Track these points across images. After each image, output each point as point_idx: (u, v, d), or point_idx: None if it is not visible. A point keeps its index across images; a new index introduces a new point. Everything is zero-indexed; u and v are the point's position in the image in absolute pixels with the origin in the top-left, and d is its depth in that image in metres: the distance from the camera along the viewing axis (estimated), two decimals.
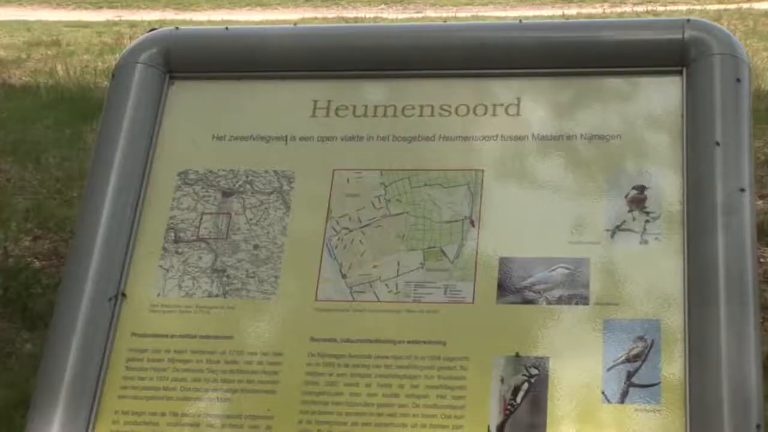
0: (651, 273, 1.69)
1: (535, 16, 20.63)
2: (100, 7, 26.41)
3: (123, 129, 1.92)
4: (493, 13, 22.47)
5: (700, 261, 1.65)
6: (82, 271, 1.82)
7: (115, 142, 1.91)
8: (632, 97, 1.82)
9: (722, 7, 21.07)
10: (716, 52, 1.77)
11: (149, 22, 20.11)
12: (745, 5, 20.90)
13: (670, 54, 1.80)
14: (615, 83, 1.84)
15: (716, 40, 1.78)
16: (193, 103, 1.98)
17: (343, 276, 1.78)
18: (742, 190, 1.67)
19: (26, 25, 19.64)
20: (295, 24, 2.02)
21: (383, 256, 1.78)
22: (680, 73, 1.80)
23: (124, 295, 1.81)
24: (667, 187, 1.73)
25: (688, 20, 1.82)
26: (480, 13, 22.57)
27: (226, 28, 2.05)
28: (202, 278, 1.82)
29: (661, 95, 1.80)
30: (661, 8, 21.73)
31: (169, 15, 23.95)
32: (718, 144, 1.70)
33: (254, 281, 1.80)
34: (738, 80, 1.74)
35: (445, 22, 2.02)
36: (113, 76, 2.00)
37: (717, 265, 1.63)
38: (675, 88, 1.79)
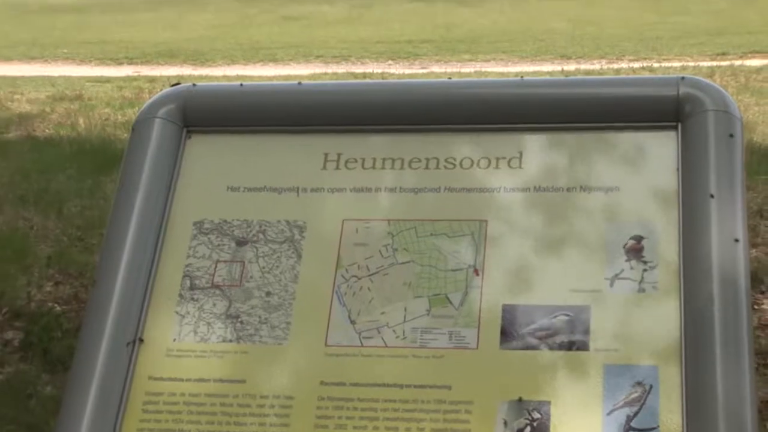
0: (649, 320, 1.68)
1: (535, 72, 20.71)
2: (121, 63, 26.56)
3: (142, 180, 1.93)
4: (495, 69, 22.56)
5: (696, 308, 1.64)
6: (102, 317, 1.82)
7: (135, 193, 1.92)
8: (629, 151, 1.82)
9: (715, 63, 21.14)
10: (710, 109, 1.77)
11: (167, 77, 20.22)
12: (737, 62, 20.96)
13: (665, 110, 1.80)
14: (613, 138, 1.84)
15: (710, 97, 1.79)
16: (209, 156, 1.98)
17: (352, 322, 1.77)
18: (736, 240, 1.67)
19: (51, 81, 19.75)
20: (299, 83, 2.02)
21: (391, 303, 1.77)
22: (675, 128, 1.80)
23: (141, 340, 1.81)
24: (664, 237, 1.72)
25: (683, 78, 1.82)
26: (483, 69, 22.67)
27: (241, 85, 2.06)
28: (216, 324, 1.81)
29: (657, 149, 1.80)
30: (656, 65, 21.79)
31: (187, 70, 24.08)
32: (712, 196, 1.70)
33: (267, 327, 1.80)
34: (731, 135, 1.75)
35: (450, 78, 2.03)
36: (133, 129, 2.01)
37: (713, 313, 1.62)
38: (671, 142, 1.79)
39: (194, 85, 2.06)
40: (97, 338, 1.80)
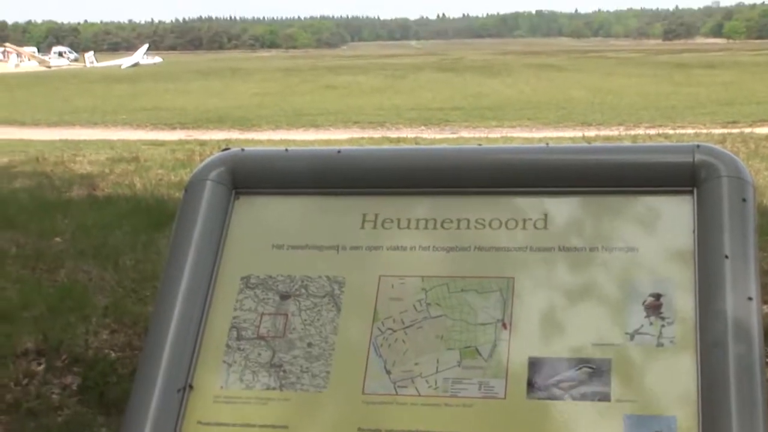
0: (667, 373, 1.67)
1: (558, 137, 20.79)
2: (174, 128, 26.86)
3: (194, 238, 1.94)
4: (521, 134, 22.65)
5: (712, 363, 1.63)
6: (155, 364, 1.82)
7: (187, 249, 1.93)
8: (648, 213, 1.82)
9: (726, 131, 21.14)
10: (723, 175, 1.77)
11: (217, 141, 20.42)
12: (747, 130, 20.93)
13: (682, 176, 1.80)
14: (632, 201, 1.83)
15: (723, 163, 1.78)
16: (255, 216, 2.00)
17: (388, 372, 1.77)
18: (750, 298, 1.65)
19: (110, 144, 20.01)
20: (339, 151, 2.03)
21: (424, 355, 1.77)
22: (691, 192, 1.79)
23: (191, 386, 1.81)
24: (681, 295, 1.71)
25: (698, 146, 1.82)
26: (509, 134, 22.76)
27: (286, 150, 2.08)
28: (261, 372, 1.81)
29: (674, 212, 1.80)
30: (671, 131, 21.82)
31: (234, 134, 24.34)
32: (726, 257, 1.69)
33: (308, 376, 1.79)
34: (744, 200, 1.74)
35: (480, 144, 2.03)
36: (186, 190, 2.02)
37: (728, 366, 1.61)
38: (687, 206, 1.79)
39: (242, 149, 2.07)
40: (150, 384, 1.80)
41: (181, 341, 1.84)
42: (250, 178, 2.02)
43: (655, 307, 1.72)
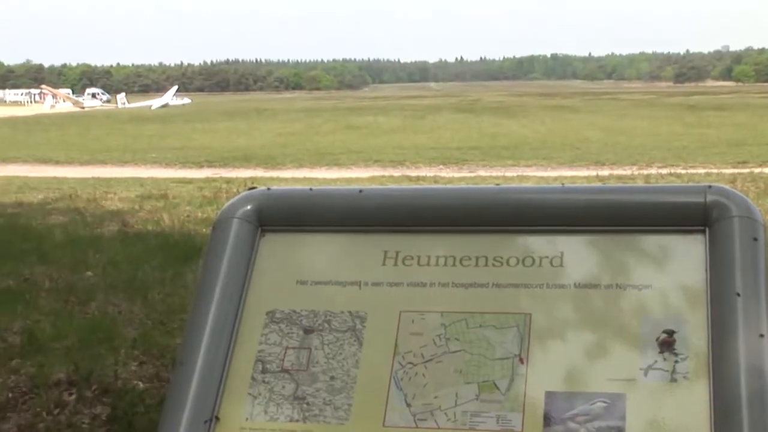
0: (680, 407, 1.65)
1: (573, 176, 20.77)
2: (202, 166, 26.98)
3: (221, 273, 1.94)
4: (536, 173, 22.64)
5: (724, 398, 1.62)
6: (183, 396, 1.82)
7: (214, 285, 1.93)
8: (661, 252, 1.81)
9: (736, 170, 21.07)
10: (735, 215, 1.76)
11: (243, 179, 20.50)
12: (757, 170, 20.87)
13: (694, 216, 1.79)
14: (646, 240, 1.83)
15: (735, 204, 1.78)
16: (280, 253, 2.00)
17: (408, 405, 1.76)
18: (761, 335, 1.64)
19: (140, 182, 20.12)
20: (360, 191, 2.04)
21: (443, 388, 1.76)
22: (703, 232, 1.79)
23: (217, 418, 1.81)
24: (694, 331, 1.70)
25: (710, 186, 1.82)
26: (524, 173, 22.76)
27: (310, 189, 2.08)
28: (285, 405, 1.81)
29: (687, 251, 1.79)
30: (682, 171, 21.77)
31: (259, 172, 24.42)
32: (738, 294, 1.68)
33: (330, 408, 1.79)
34: (755, 239, 1.73)
35: (498, 185, 2.03)
36: (214, 228, 2.03)
37: (740, 402, 1.60)
38: (699, 245, 1.78)
39: (268, 189, 2.08)
40: (177, 415, 1.80)
41: (208, 374, 1.84)
42: (276, 216, 2.02)
43: (668, 343, 1.71)
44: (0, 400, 5.32)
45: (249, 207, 2.02)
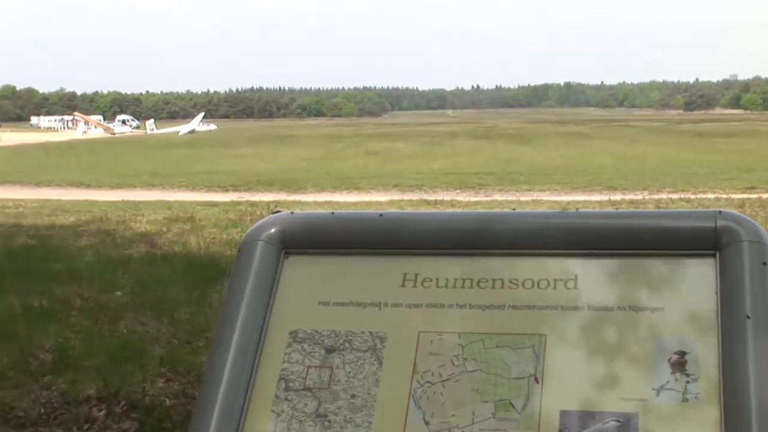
0: (692, 427, 1.64)
1: (586, 201, 20.72)
2: (227, 190, 27.08)
3: (246, 294, 1.95)
4: (550, 197, 22.61)
5: (734, 417, 1.60)
6: (208, 412, 1.82)
7: (239, 305, 1.94)
8: (673, 275, 1.80)
9: (745, 196, 20.97)
10: (744, 240, 1.75)
11: (266, 202, 20.53)
12: (765, 195, 20.76)
13: (705, 240, 1.78)
14: (658, 264, 1.82)
15: (744, 229, 1.77)
16: (303, 274, 2.00)
17: (426, 423, 1.75)
18: None
19: (167, 205, 20.19)
20: (381, 215, 2.04)
21: (460, 407, 1.75)
22: (714, 256, 1.78)
23: None
24: (705, 353, 1.69)
25: (720, 212, 1.81)
26: (539, 198, 22.74)
27: (332, 213, 2.09)
28: (307, 422, 1.81)
29: (697, 275, 1.78)
30: (692, 196, 21.70)
31: (282, 196, 24.48)
32: (748, 317, 1.67)
33: (351, 426, 1.78)
34: (764, 263, 1.72)
35: (514, 209, 2.03)
36: (239, 250, 2.03)
37: (750, 421, 1.58)
38: (709, 269, 1.77)
39: (292, 212, 2.09)
40: (204, 431, 1.80)
41: (233, 391, 1.84)
42: (299, 239, 2.03)
43: (680, 364, 1.70)
44: (33, 415, 5.34)
45: (273, 230, 2.03)
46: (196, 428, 1.82)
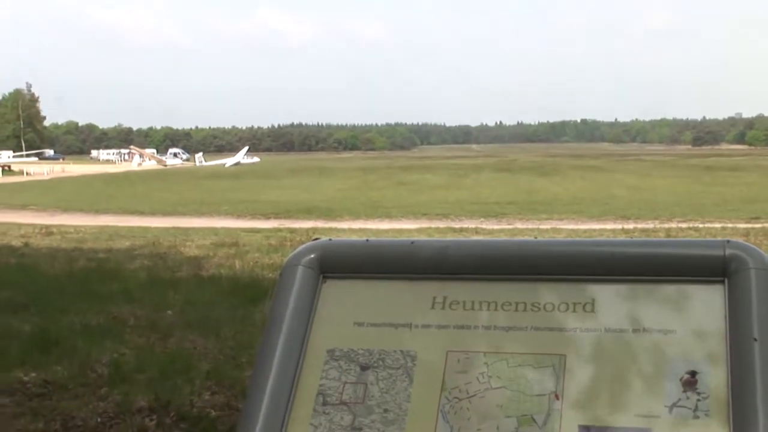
0: None
1: (601, 229, 20.60)
2: (269, 218, 27.18)
3: (287, 315, 1.94)
4: (568, 226, 22.50)
5: None
6: (252, 424, 1.81)
7: (281, 325, 1.93)
8: (684, 300, 1.78)
9: (749, 225, 20.77)
10: (751, 267, 1.73)
11: (305, 229, 20.59)
12: None
13: (714, 267, 1.77)
14: (670, 289, 1.80)
15: (751, 257, 1.75)
16: (340, 297, 2.00)
17: None
18: None
19: (214, 231, 20.30)
20: (412, 242, 2.03)
21: (485, 421, 1.74)
22: (722, 282, 1.76)
23: None
24: (715, 373, 1.67)
25: (728, 241, 1.79)
26: (557, 226, 22.65)
27: (367, 240, 2.08)
28: None
29: (707, 299, 1.76)
30: (700, 225, 21.53)
31: (320, 223, 24.54)
32: (755, 340, 1.65)
33: None
34: None
35: (535, 237, 2.02)
36: (280, 274, 2.03)
37: None
38: (718, 294, 1.75)
39: (330, 239, 2.09)
40: None
41: (275, 404, 1.84)
42: (336, 264, 2.03)
43: (691, 383, 1.68)
44: (91, 424, 5.36)
45: (312, 256, 2.03)
46: None
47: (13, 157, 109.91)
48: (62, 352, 7.14)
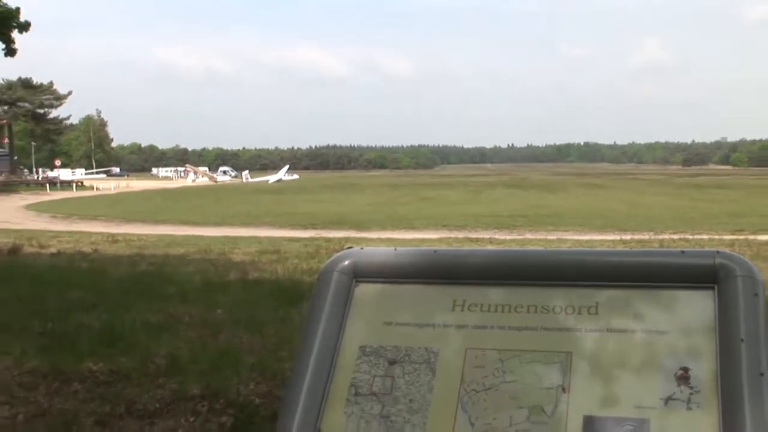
0: (695, 430, 1.60)
1: (602, 240, 20.48)
2: (306, 228, 27.21)
3: (323, 315, 1.94)
4: (572, 237, 22.37)
5: (731, 424, 1.56)
6: (292, 411, 1.81)
7: (318, 324, 1.93)
8: (677, 304, 1.76)
9: (734, 237, 20.57)
10: (738, 275, 1.71)
11: (338, 239, 20.57)
12: (751, 236, 20.35)
13: (705, 275, 1.75)
14: (665, 294, 1.79)
15: (738, 266, 1.73)
16: (371, 299, 1.99)
17: (472, 424, 1.73)
18: (762, 374, 1.59)
19: (258, 240, 20.36)
20: (435, 251, 2.03)
21: (500, 411, 1.73)
22: (713, 288, 1.74)
23: (320, 430, 1.80)
24: (706, 369, 1.65)
25: (718, 251, 1.77)
26: (563, 237, 22.53)
27: (395, 249, 2.08)
28: (373, 422, 1.79)
29: (698, 304, 1.74)
30: (690, 237, 21.34)
31: (352, 233, 24.55)
32: (742, 340, 1.63)
33: (409, 425, 1.76)
34: (755, 294, 1.68)
35: (545, 248, 2.01)
36: (318, 279, 2.03)
37: (744, 427, 1.54)
38: (709, 299, 1.74)
39: (362, 248, 2.08)
40: (288, 427, 1.80)
41: (312, 394, 1.83)
42: (368, 270, 2.02)
43: (684, 378, 1.66)
44: (150, 409, 5.38)
45: (346, 262, 2.03)
46: (282, 424, 1.81)
47: (86, 174, 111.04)
48: (126, 346, 7.18)
